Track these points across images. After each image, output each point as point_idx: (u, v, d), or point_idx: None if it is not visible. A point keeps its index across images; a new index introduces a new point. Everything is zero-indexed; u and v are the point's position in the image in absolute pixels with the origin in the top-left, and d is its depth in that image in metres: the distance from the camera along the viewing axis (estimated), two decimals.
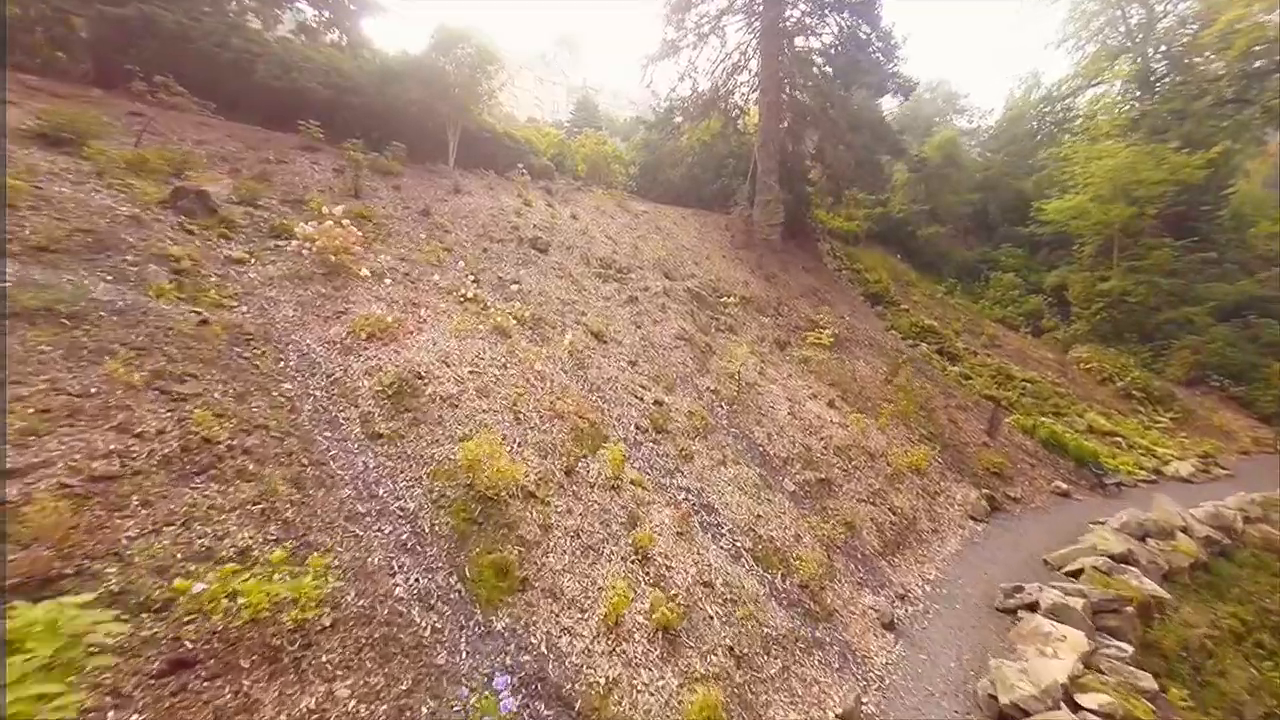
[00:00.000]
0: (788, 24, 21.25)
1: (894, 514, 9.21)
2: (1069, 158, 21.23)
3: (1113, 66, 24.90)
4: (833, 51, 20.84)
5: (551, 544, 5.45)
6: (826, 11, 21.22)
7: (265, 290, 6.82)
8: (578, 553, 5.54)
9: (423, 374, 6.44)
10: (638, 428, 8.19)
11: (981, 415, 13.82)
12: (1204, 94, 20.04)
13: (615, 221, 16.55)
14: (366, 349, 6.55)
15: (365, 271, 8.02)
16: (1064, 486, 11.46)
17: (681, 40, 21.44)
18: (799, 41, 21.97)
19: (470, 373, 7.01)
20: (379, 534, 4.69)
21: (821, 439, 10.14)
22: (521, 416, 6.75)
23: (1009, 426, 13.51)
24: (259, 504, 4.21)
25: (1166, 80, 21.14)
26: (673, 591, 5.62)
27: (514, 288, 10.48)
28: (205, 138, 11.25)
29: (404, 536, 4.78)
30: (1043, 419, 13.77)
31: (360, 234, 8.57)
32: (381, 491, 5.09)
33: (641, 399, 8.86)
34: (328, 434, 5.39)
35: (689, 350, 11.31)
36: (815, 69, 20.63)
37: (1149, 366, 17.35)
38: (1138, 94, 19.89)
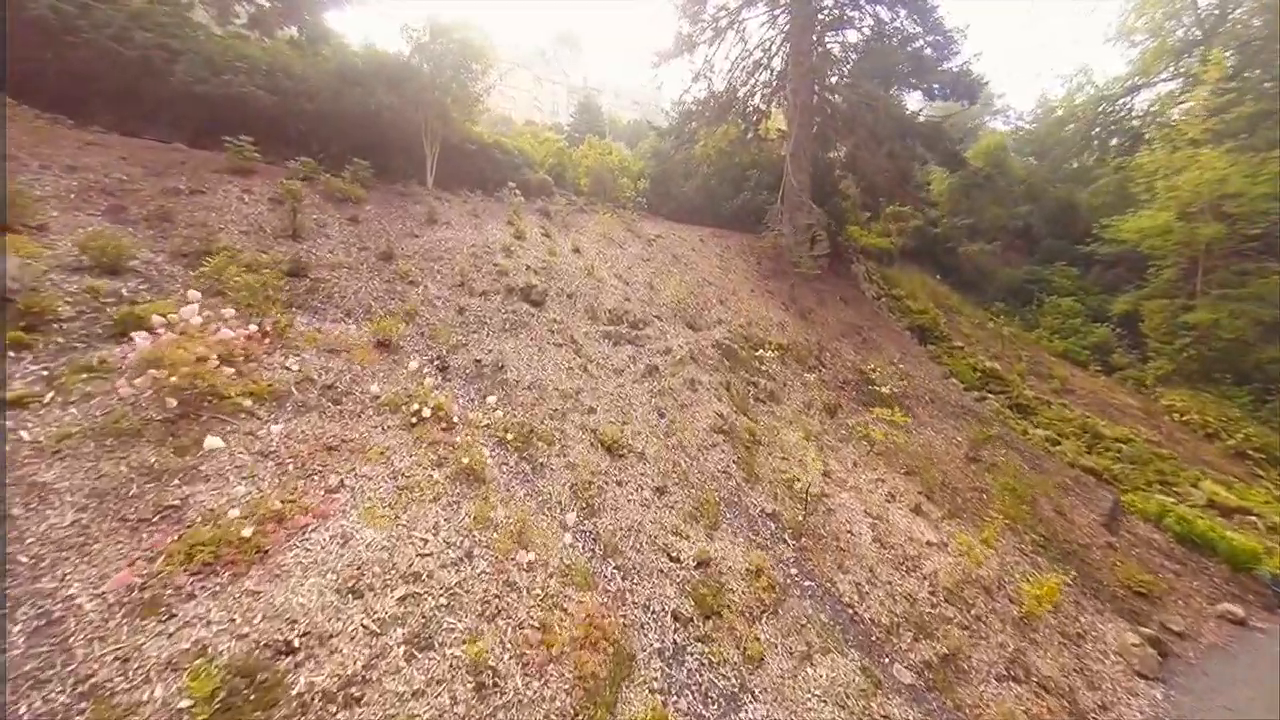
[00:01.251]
0: (820, 16, 18.13)
1: (1045, 691, 6.34)
2: (1141, 167, 18.18)
3: (1177, 63, 21.80)
4: (872, 47, 17.70)
5: None
6: (863, 1, 18.11)
7: (36, 470, 3.83)
8: None
9: (294, 644, 3.43)
10: (676, 619, 5.29)
11: (1086, 496, 10.92)
12: None
13: (625, 252, 13.54)
14: (190, 599, 3.46)
15: (249, 401, 5.01)
16: (1235, 610, 8.56)
17: (699, 35, 18.33)
18: (830, 37, 18.86)
19: (401, 606, 4.04)
20: None
21: (924, 577, 7.24)
22: (489, 682, 3.82)
23: (1125, 512, 10.60)
24: None
25: (1253, 77, 18.03)
26: None
27: (497, 377, 7.51)
28: (86, 163, 8.25)
29: None
30: (1161, 498, 10.87)
31: (248, 335, 5.50)
32: None
33: (678, 558, 5.95)
34: None
35: (730, 448, 8.38)
36: (850, 67, 17.50)
37: (1253, 414, 14.41)
38: (1227, 94, 16.84)
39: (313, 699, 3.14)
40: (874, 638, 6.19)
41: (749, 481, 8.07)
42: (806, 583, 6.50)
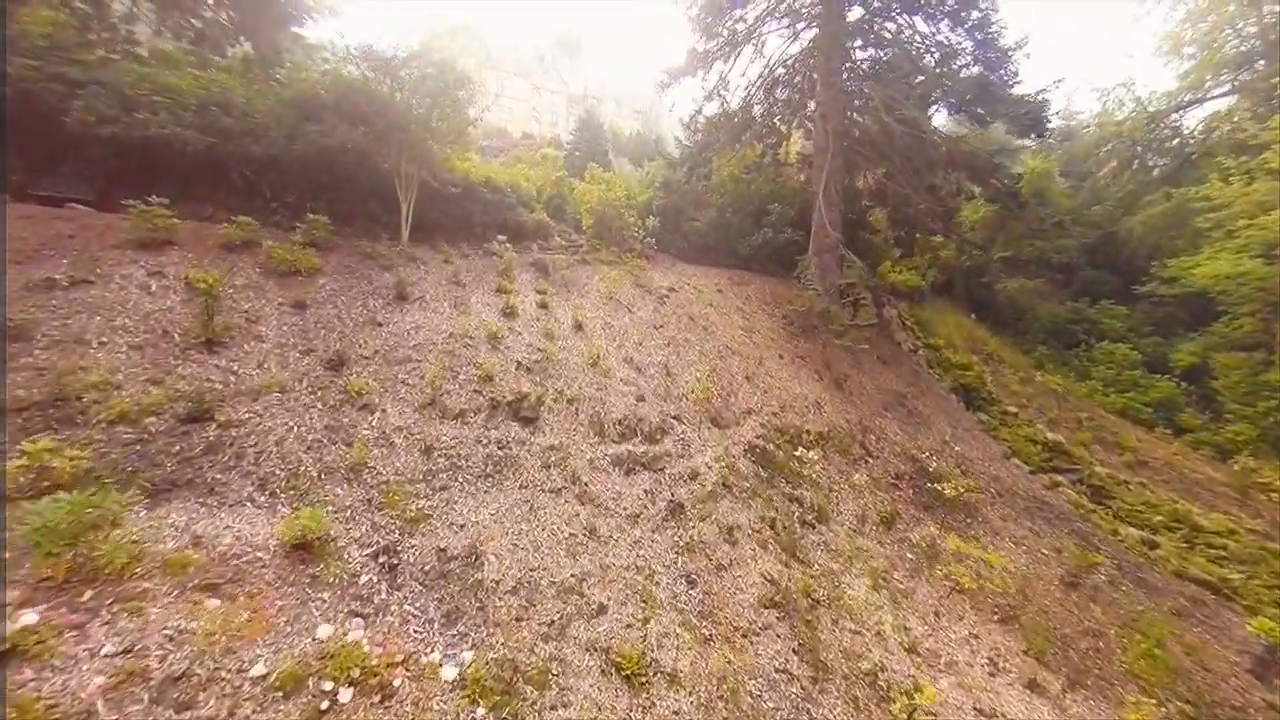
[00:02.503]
0: (851, 29, 15.77)
1: None
2: (1209, 198, 15.93)
3: (1235, 76, 19.48)
4: (908, 65, 15.33)
5: None
6: (894, 12, 15.74)
7: None
8: None
9: None
10: None
11: (1211, 623, 8.78)
12: None
13: (635, 318, 11.27)
14: None
15: None
16: None
17: (715, 51, 15.96)
18: (861, 52, 16.52)
19: None
20: None
21: None
22: None
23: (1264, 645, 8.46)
24: None
25: None
26: None
27: (469, 577, 5.27)
28: None
29: None
30: None
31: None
32: None
33: None
34: None
35: (787, 628, 6.23)
36: (882, 88, 15.14)
37: None
38: None
39: None
40: None
41: (816, 681, 5.88)
42: None
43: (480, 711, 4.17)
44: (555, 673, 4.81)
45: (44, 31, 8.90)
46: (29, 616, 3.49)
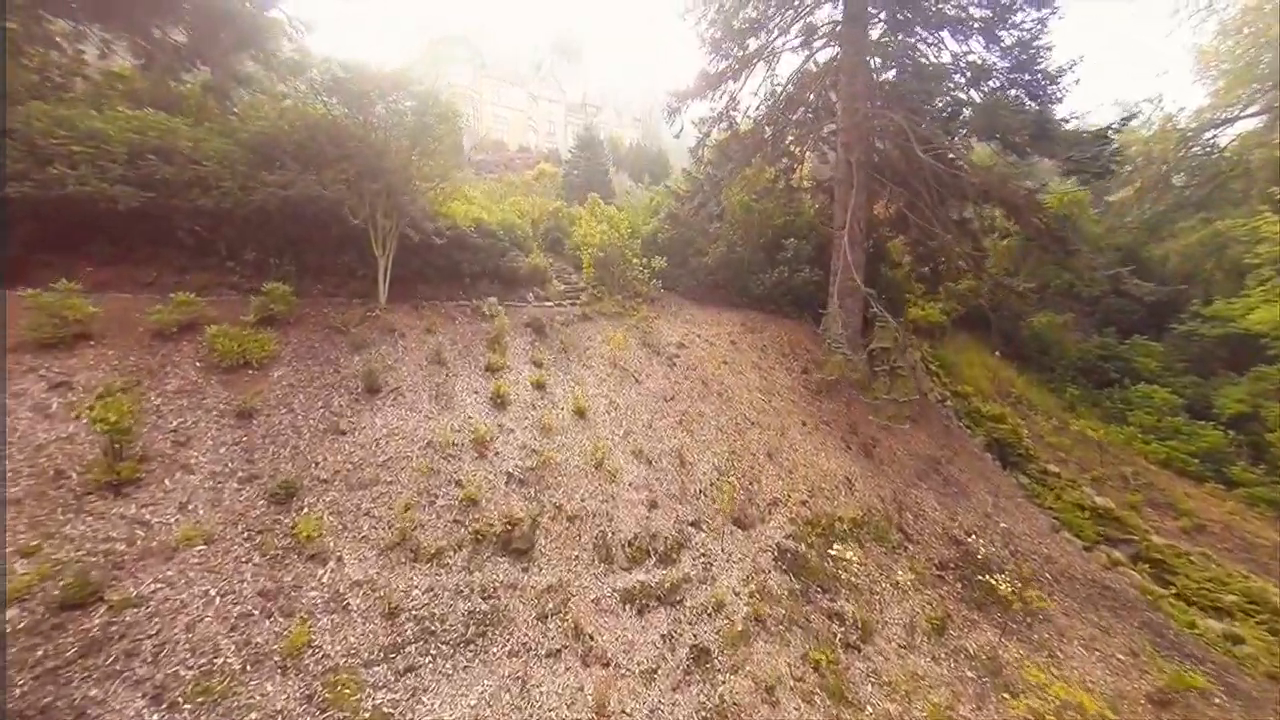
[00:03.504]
0: (873, 47, 14.39)
1: None
2: (1260, 231, 14.63)
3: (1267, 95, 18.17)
4: (933, 88, 13.93)
5: None
6: (918, 26, 14.34)
7: None
8: None
9: None
10: None
11: None
12: None
13: (643, 390, 9.87)
14: None
15: None
16: None
17: (725, 71, 14.54)
18: (886, 74, 15.12)
19: None
20: None
21: None
22: None
23: None
24: None
25: None
26: None
27: None
28: None
29: None
30: None
31: None
32: None
33: None
34: None
35: None
36: (908, 113, 13.72)
37: None
38: None
39: None
40: None
41: None
42: None
43: None
44: None
45: None
46: None
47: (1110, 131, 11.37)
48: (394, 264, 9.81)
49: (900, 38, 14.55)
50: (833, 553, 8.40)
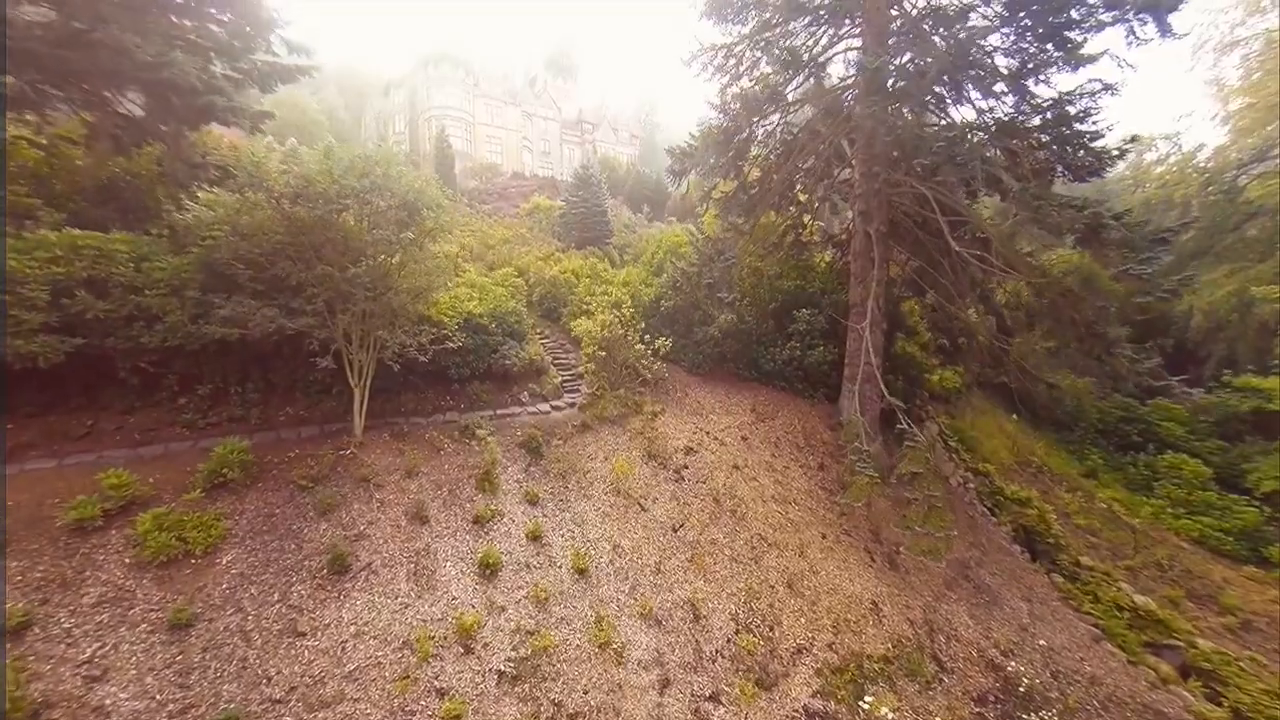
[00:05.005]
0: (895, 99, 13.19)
1: None
2: None
3: None
4: (957, 150, 12.75)
5: None
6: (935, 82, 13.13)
7: None
8: None
9: None
10: None
11: None
12: None
13: (649, 520, 8.76)
14: None
15: None
16: None
17: (734, 128, 13.33)
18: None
19: None
20: None
21: None
22: None
23: None
24: None
25: None
26: None
27: None
28: None
29: None
30: None
31: None
32: None
33: None
34: None
35: None
36: (929, 179, 12.56)
37: None
38: None
39: None
40: None
41: None
42: None
43: None
44: None
45: None
46: None
47: (1168, 234, 10.24)
48: (376, 376, 8.63)
49: (919, 92, 13.38)
50: (865, 705, 7.38)
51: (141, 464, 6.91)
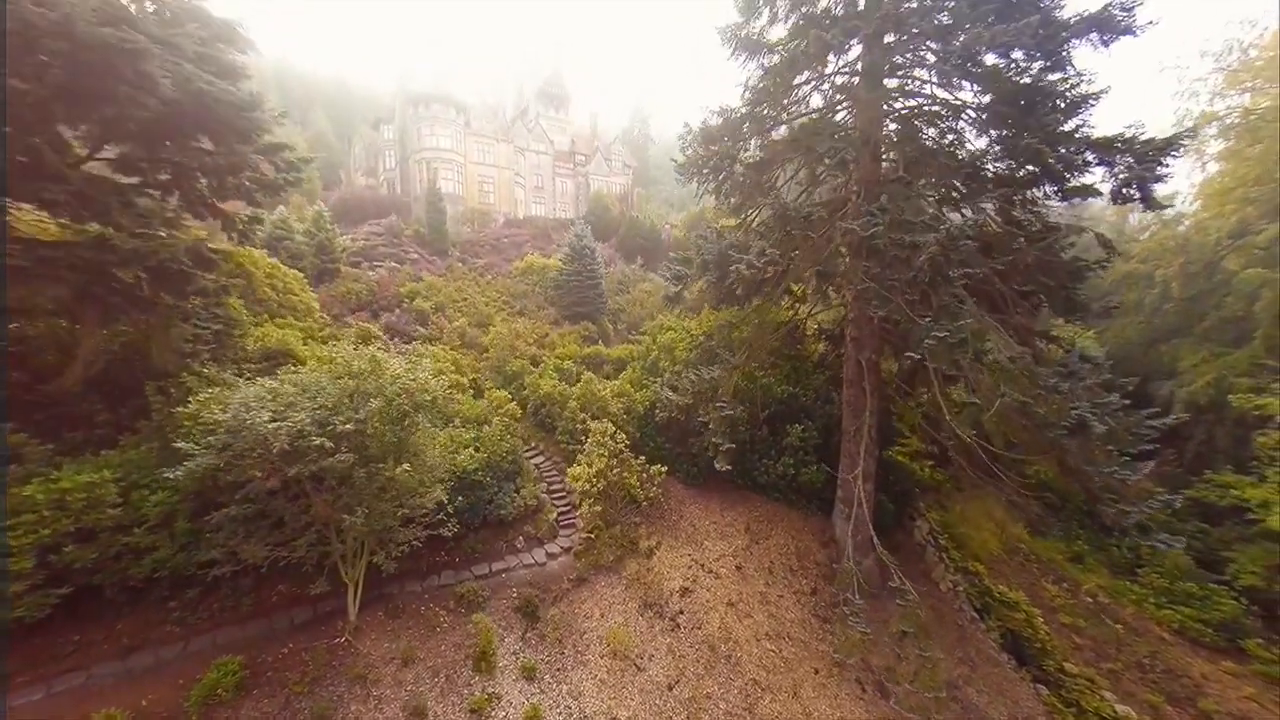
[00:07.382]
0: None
1: None
2: (1266, 409, 13.61)
3: None
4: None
5: None
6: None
7: None
8: None
9: None
10: None
11: None
12: None
13: (646, 681, 8.71)
14: None
15: None
16: None
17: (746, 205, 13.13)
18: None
19: None
20: None
21: None
22: None
23: None
24: None
25: None
26: None
27: None
28: None
29: None
30: None
31: None
32: None
33: None
34: None
35: None
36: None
37: None
38: None
39: None
40: None
41: None
42: None
43: None
44: None
45: None
46: None
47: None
48: (362, 590, 8.35)
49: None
50: None
51: (131, 681, 6.79)
